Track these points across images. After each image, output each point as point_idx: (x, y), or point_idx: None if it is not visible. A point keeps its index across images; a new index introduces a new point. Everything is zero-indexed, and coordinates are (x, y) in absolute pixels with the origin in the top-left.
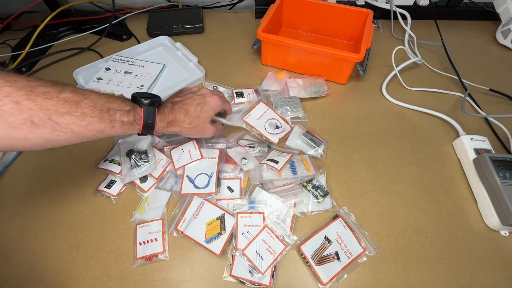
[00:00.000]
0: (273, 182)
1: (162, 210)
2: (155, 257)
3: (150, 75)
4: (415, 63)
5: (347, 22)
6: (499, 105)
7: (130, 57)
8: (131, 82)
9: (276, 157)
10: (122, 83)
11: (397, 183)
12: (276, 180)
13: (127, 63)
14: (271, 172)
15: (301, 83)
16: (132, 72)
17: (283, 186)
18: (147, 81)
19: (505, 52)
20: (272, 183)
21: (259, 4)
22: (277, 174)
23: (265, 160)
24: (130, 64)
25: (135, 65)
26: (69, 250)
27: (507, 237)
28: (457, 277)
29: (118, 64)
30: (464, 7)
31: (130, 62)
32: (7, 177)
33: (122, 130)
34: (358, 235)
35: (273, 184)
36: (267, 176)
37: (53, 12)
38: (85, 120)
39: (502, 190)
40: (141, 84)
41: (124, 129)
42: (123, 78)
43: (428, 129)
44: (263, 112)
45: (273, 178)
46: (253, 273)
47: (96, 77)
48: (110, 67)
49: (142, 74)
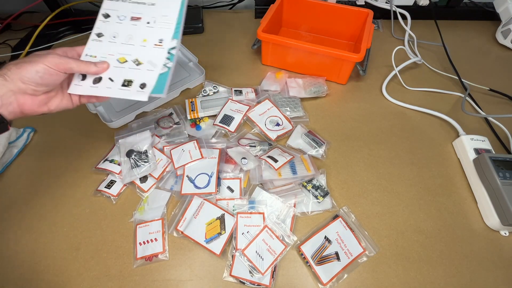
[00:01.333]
0: (273, 182)
1: (162, 210)
2: (155, 257)
3: (168, 18)
4: (415, 63)
5: (347, 22)
6: (499, 105)
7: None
8: (145, 37)
9: (277, 156)
10: (132, 39)
11: (397, 183)
12: (276, 180)
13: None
14: (271, 172)
15: (301, 83)
16: (141, 18)
17: (283, 186)
18: (167, 31)
19: (505, 52)
20: (272, 183)
21: (259, 4)
22: (276, 174)
23: (265, 156)
24: (135, 1)
25: (141, 2)
26: (69, 250)
27: (507, 237)
28: (457, 277)
29: (118, 4)
30: (464, 7)
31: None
32: (7, 177)
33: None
34: (358, 235)
35: (273, 184)
36: (267, 176)
37: (53, 12)
38: None
39: (502, 190)
40: (159, 38)
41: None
42: (131, 29)
43: (428, 129)
44: (266, 109)
45: (273, 178)
46: (253, 273)
47: (95, 32)
48: (109, 13)
49: (156, 18)
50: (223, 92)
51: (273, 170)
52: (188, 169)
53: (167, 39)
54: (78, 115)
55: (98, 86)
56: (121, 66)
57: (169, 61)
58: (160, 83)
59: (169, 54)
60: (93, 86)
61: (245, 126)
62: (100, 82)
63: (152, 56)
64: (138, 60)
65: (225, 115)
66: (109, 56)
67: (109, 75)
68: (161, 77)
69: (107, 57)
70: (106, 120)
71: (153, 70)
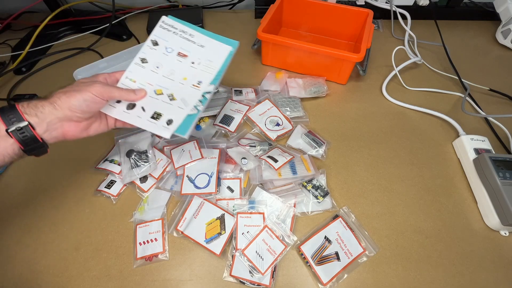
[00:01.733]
0: (273, 182)
1: (162, 210)
2: (155, 257)
3: (213, 65)
4: (415, 63)
5: (347, 22)
6: (499, 105)
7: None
8: (185, 75)
9: (277, 156)
10: (173, 74)
11: (397, 183)
12: (276, 180)
13: (182, 35)
14: (271, 172)
15: (301, 83)
16: (188, 55)
17: (283, 186)
18: (208, 75)
19: (505, 52)
20: (272, 183)
21: (259, 4)
22: (276, 174)
23: (265, 156)
24: (186, 38)
25: (192, 41)
26: (69, 250)
27: (507, 237)
28: (457, 277)
29: (169, 36)
30: (464, 7)
31: (186, 35)
32: (7, 177)
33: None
34: (358, 235)
35: (273, 184)
36: (267, 176)
37: (53, 12)
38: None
39: (502, 190)
40: (198, 80)
41: None
42: (175, 64)
43: (428, 129)
44: (266, 109)
45: (273, 178)
46: (253, 273)
47: (140, 57)
48: (158, 41)
49: (201, 61)
50: (223, 92)
51: (273, 170)
52: (188, 169)
53: (205, 82)
54: None
55: (130, 112)
56: (156, 97)
57: (201, 104)
58: (185, 124)
59: (203, 98)
60: (126, 111)
61: (245, 126)
62: (133, 109)
63: (187, 94)
64: (173, 96)
65: (225, 115)
66: (147, 85)
67: (143, 104)
68: (188, 118)
69: (146, 85)
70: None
71: (183, 108)
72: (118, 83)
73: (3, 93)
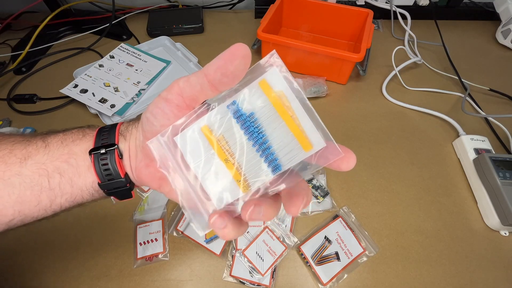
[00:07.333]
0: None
1: (162, 210)
2: (155, 257)
3: (150, 73)
4: (415, 63)
5: (347, 22)
6: (499, 105)
7: (137, 48)
8: (129, 76)
9: None
10: (121, 75)
11: (397, 183)
12: None
13: (132, 54)
14: None
15: (301, 83)
16: (133, 65)
17: None
18: (145, 78)
19: (505, 52)
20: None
21: (259, 4)
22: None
23: None
24: (135, 56)
25: (138, 58)
26: (69, 250)
27: (507, 237)
28: (457, 277)
29: (123, 54)
30: (464, 7)
31: (135, 55)
32: None
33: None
34: (358, 235)
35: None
36: None
37: (53, 12)
38: None
39: (502, 190)
40: (138, 80)
41: None
42: (123, 69)
43: (428, 129)
44: None
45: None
46: (253, 274)
47: (99, 63)
48: (114, 56)
49: (142, 69)
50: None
51: None
52: None
53: (142, 83)
54: (78, 115)
55: (82, 95)
56: (104, 88)
57: (137, 97)
58: (123, 108)
59: (139, 92)
60: (79, 94)
61: None
62: (85, 93)
63: (128, 89)
64: (117, 89)
65: None
66: (99, 79)
67: (93, 91)
68: (126, 105)
69: (98, 79)
70: (106, 120)
71: (124, 98)
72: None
73: (3, 93)
